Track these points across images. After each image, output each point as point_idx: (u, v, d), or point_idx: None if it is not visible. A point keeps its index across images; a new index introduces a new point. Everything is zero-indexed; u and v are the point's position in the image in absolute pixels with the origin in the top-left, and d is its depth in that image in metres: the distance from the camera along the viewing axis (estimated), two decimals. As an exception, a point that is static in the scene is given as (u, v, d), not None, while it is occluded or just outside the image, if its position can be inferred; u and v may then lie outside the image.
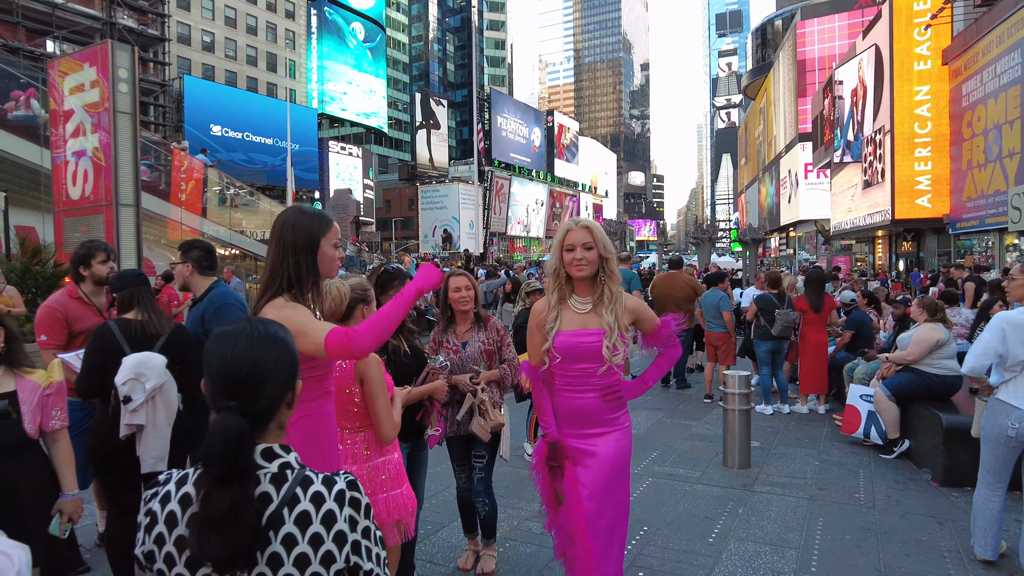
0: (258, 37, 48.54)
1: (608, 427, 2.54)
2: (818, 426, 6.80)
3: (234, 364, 1.18)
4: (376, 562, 1.24)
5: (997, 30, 18.77)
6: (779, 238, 55.33)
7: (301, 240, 2.03)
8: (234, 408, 1.15)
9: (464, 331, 3.50)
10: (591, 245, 2.52)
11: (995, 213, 18.64)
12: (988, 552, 3.61)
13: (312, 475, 1.23)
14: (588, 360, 2.51)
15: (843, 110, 30.50)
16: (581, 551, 2.45)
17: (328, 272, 2.12)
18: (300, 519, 1.17)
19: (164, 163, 20.97)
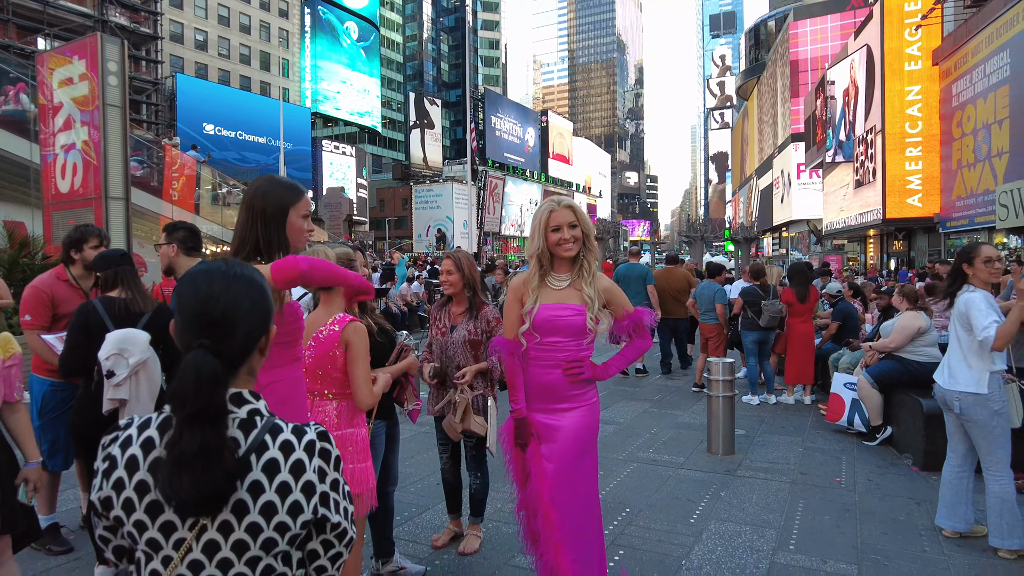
0: (252, 36, 48.45)
1: (574, 403, 2.57)
2: (803, 416, 6.86)
3: (209, 301, 1.14)
4: (344, 516, 1.22)
5: (986, 30, 18.93)
6: (772, 238, 55.53)
7: (271, 209, 2.04)
8: (207, 346, 1.11)
9: (457, 314, 3.51)
10: (576, 224, 2.56)
11: (984, 212, 18.79)
12: (944, 521, 3.76)
13: (282, 424, 1.19)
14: (561, 334, 2.54)
15: (835, 110, 30.69)
16: (544, 525, 2.49)
17: (296, 243, 2.12)
18: (268, 466, 1.13)
19: (156, 160, 20.93)
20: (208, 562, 1.12)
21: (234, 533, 1.11)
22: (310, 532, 1.21)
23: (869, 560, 3.50)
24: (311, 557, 1.23)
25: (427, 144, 57.36)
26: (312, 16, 51.21)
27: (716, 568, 3.42)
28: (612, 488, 4.66)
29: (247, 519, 1.11)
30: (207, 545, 1.11)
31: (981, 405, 3.50)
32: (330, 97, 52.40)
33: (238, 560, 1.12)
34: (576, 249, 2.56)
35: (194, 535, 1.11)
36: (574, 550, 2.51)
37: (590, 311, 2.52)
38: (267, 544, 1.13)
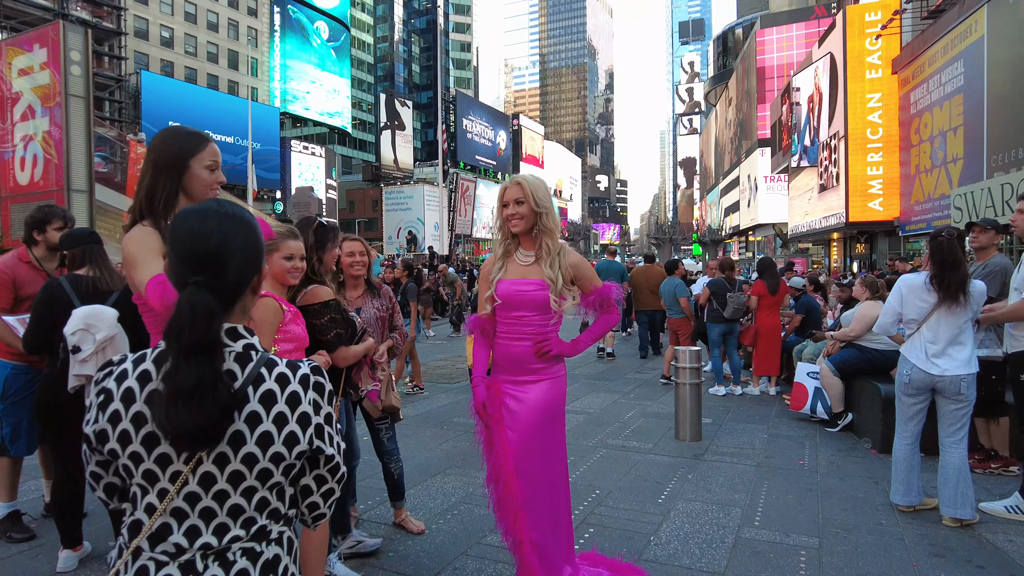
0: (219, 34, 47.71)
1: (539, 375, 2.62)
2: (769, 405, 7.02)
3: (203, 238, 1.15)
4: (337, 450, 1.23)
5: (941, 41, 19.58)
6: (739, 241, 56.47)
7: (166, 158, 1.87)
8: (201, 283, 1.12)
9: (356, 297, 3.51)
10: (522, 200, 2.59)
11: (941, 216, 19.39)
12: (899, 497, 3.92)
13: (276, 358, 1.21)
14: (524, 308, 2.59)
15: (800, 116, 31.41)
16: (505, 491, 2.55)
17: (202, 195, 1.93)
18: (265, 398, 1.14)
19: (120, 157, 20.47)
20: (204, 494, 1.13)
21: (230, 464, 1.12)
22: (304, 467, 1.23)
23: (830, 533, 3.61)
24: (304, 493, 1.25)
25: (398, 146, 57.07)
26: (282, 15, 50.66)
27: (684, 543, 3.50)
28: (582, 472, 4.72)
29: (244, 449, 1.12)
30: (203, 477, 1.12)
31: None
32: (299, 97, 51.85)
33: (234, 491, 1.13)
34: (523, 225, 2.59)
35: (190, 468, 1.12)
36: (534, 518, 2.55)
37: (552, 292, 2.56)
38: (263, 475, 1.14)
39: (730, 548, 3.43)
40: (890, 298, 3.97)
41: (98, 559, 3.32)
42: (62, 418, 3.12)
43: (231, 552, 1.13)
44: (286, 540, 1.21)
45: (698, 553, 3.37)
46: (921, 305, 3.76)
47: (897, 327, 4.01)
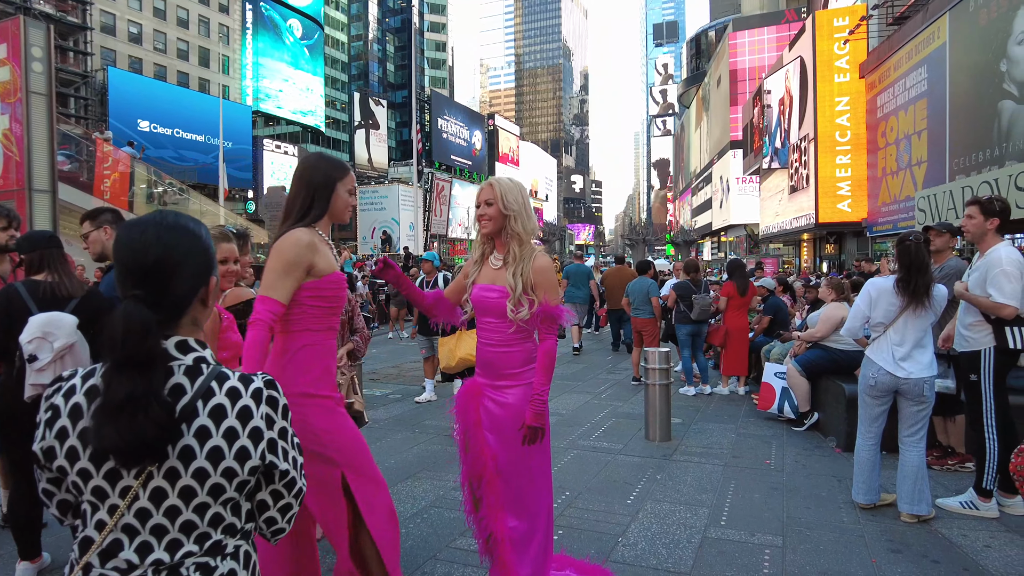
0: (189, 31, 46.96)
1: (514, 380, 2.60)
2: (737, 405, 7.12)
3: (141, 250, 1.14)
4: (293, 465, 1.22)
5: (906, 47, 20.04)
6: (711, 242, 57.15)
7: (319, 179, 2.30)
8: (139, 296, 1.11)
9: None
10: (492, 201, 2.58)
11: (906, 217, 19.84)
12: (860, 496, 4.00)
13: (228, 372, 1.19)
14: (489, 314, 2.60)
15: (771, 118, 31.89)
16: (488, 491, 2.56)
17: (342, 215, 2.36)
18: (214, 412, 1.13)
19: (86, 155, 20.03)
20: (155, 510, 1.11)
21: (181, 479, 1.11)
22: (259, 482, 1.21)
23: (793, 532, 3.68)
24: (260, 508, 1.23)
25: (372, 145, 56.75)
26: (254, 12, 50.03)
27: (651, 543, 3.54)
28: (553, 474, 4.73)
29: (194, 464, 1.11)
30: (154, 492, 1.11)
31: (934, 385, 3.81)
32: (272, 95, 51.28)
33: (186, 507, 1.12)
34: (491, 226, 2.58)
35: (140, 482, 1.10)
36: (514, 518, 2.57)
37: (510, 300, 2.51)
38: (215, 490, 1.13)
39: (696, 548, 3.48)
40: (858, 301, 4.02)
41: (57, 570, 3.26)
42: (19, 428, 3.05)
43: (184, 568, 1.12)
44: (243, 554, 1.20)
45: (665, 553, 3.41)
46: (889, 308, 3.82)
47: (864, 330, 4.07)
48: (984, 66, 15.60)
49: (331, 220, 2.38)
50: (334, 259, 2.32)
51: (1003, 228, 4.01)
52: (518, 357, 2.59)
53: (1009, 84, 14.63)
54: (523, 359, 2.61)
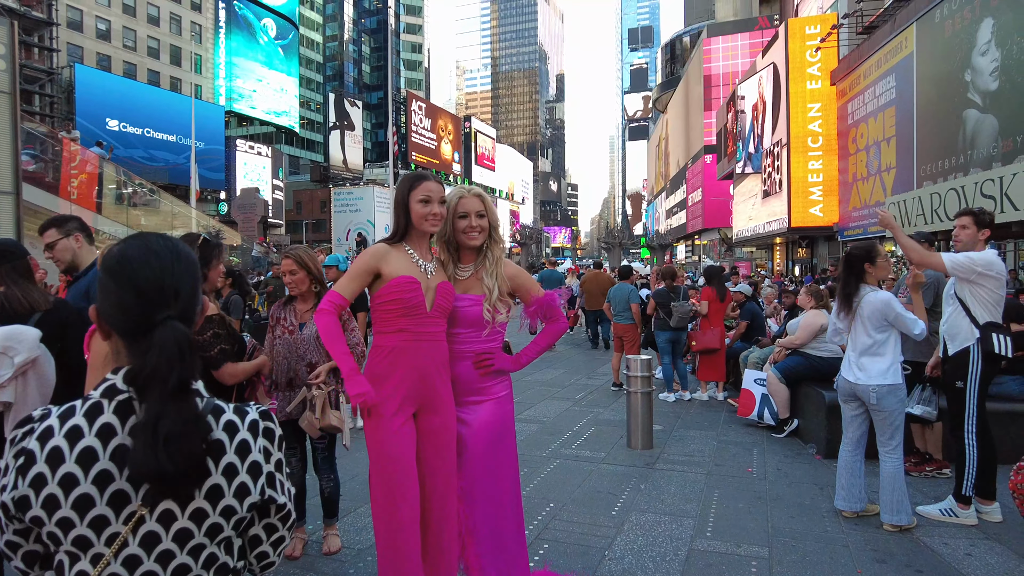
0: (160, 28, 46.09)
1: (482, 395, 2.56)
2: (717, 411, 7.15)
3: (166, 275, 1.10)
4: (289, 497, 1.18)
5: (875, 56, 20.46)
6: (686, 246, 57.74)
7: (398, 197, 2.50)
8: (175, 317, 1.08)
9: (304, 311, 3.41)
10: (483, 213, 2.56)
11: (876, 222, 20.23)
12: (840, 502, 4.03)
13: (223, 405, 1.14)
14: (461, 325, 2.54)
15: (745, 124, 32.30)
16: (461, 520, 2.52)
17: (419, 225, 2.44)
18: (212, 448, 1.08)
19: (52, 155, 19.49)
20: (147, 556, 1.04)
21: (177, 522, 1.05)
22: (253, 517, 1.16)
23: (779, 542, 3.68)
24: (253, 543, 1.18)
25: (347, 146, 56.24)
26: (227, 11, 49.31)
27: (638, 557, 3.50)
28: (536, 484, 4.70)
29: (192, 505, 1.05)
30: (145, 537, 1.04)
31: (893, 394, 3.78)
32: (245, 95, 50.58)
33: (180, 550, 1.05)
34: (481, 239, 2.56)
35: (130, 528, 1.03)
36: (480, 543, 2.51)
37: (487, 301, 2.51)
38: (212, 530, 1.07)
39: (684, 561, 3.45)
40: (834, 308, 4.14)
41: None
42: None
43: None
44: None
45: (652, 567, 3.38)
46: (844, 316, 3.98)
47: (841, 337, 4.16)
48: (949, 75, 15.98)
49: (420, 231, 2.47)
50: (411, 266, 2.43)
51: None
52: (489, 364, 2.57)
53: (973, 93, 15.00)
54: (493, 372, 2.59)
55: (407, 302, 2.36)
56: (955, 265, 3.90)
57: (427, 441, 2.44)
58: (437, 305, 2.43)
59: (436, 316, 2.44)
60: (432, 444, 2.44)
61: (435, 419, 2.45)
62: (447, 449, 2.47)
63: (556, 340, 2.70)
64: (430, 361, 2.41)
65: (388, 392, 2.37)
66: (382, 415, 2.37)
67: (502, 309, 2.55)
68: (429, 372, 2.41)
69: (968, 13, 15.18)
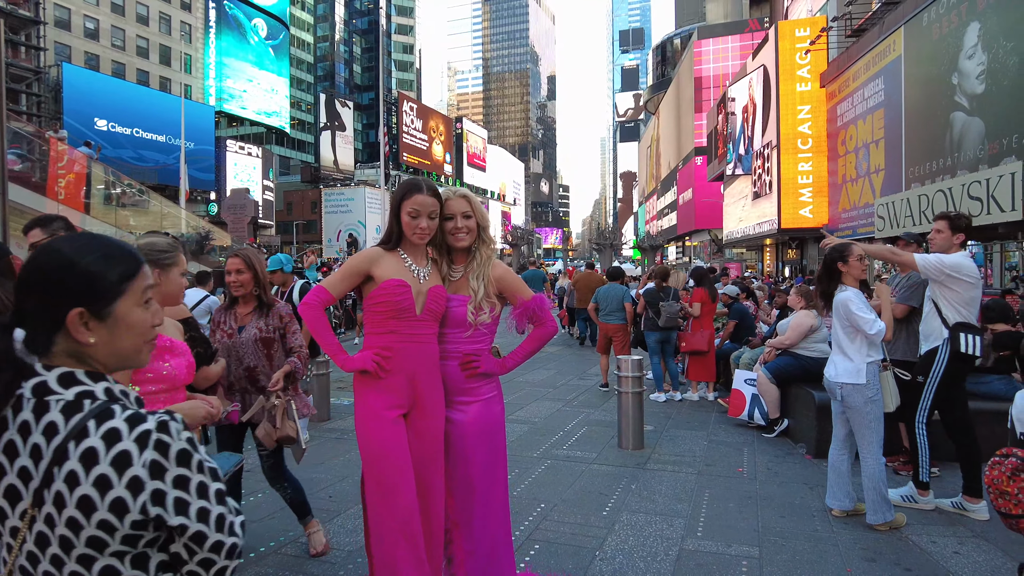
0: (150, 28, 45.81)
1: (469, 396, 2.56)
2: (707, 411, 7.17)
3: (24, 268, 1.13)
4: (200, 519, 1.07)
5: (864, 59, 20.60)
6: (676, 247, 57.92)
7: (392, 201, 2.51)
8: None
9: (245, 314, 3.34)
10: (470, 214, 2.55)
11: (865, 223, 20.38)
12: (829, 500, 4.06)
13: (117, 409, 1.05)
14: (448, 325, 2.54)
15: (735, 125, 32.44)
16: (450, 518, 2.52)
17: (408, 235, 2.45)
18: (85, 456, 1.01)
19: (39, 155, 19.31)
20: (42, 556, 1.04)
21: (57, 527, 1.02)
22: (171, 533, 1.08)
23: (769, 542, 3.69)
24: (177, 561, 1.11)
25: (338, 147, 56.08)
26: (217, 11, 49.07)
27: (628, 557, 3.50)
28: (527, 485, 4.70)
29: (66, 513, 1.02)
30: (38, 537, 1.04)
31: (859, 393, 3.81)
32: (236, 96, 50.35)
33: (67, 557, 1.03)
34: (469, 240, 2.56)
35: (26, 523, 1.04)
36: (468, 538, 2.51)
37: (471, 302, 2.51)
38: (95, 543, 1.02)
39: (674, 561, 3.46)
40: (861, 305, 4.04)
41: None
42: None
43: None
44: None
45: (643, 567, 3.38)
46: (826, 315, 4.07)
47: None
48: (937, 79, 16.12)
49: (411, 240, 2.48)
50: (403, 270, 2.45)
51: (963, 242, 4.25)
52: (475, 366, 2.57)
53: (960, 96, 15.12)
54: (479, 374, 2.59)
55: (396, 305, 2.39)
56: (925, 265, 4.09)
57: (416, 443, 2.44)
58: (428, 309, 2.44)
59: (426, 319, 2.45)
60: (421, 446, 2.44)
61: (425, 421, 2.45)
62: (436, 452, 2.47)
63: (544, 344, 2.69)
64: (419, 363, 2.43)
65: (378, 391, 2.38)
66: (373, 413, 2.38)
67: (486, 308, 2.54)
68: (418, 374, 2.43)
69: (955, 17, 15.31)
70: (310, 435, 5.97)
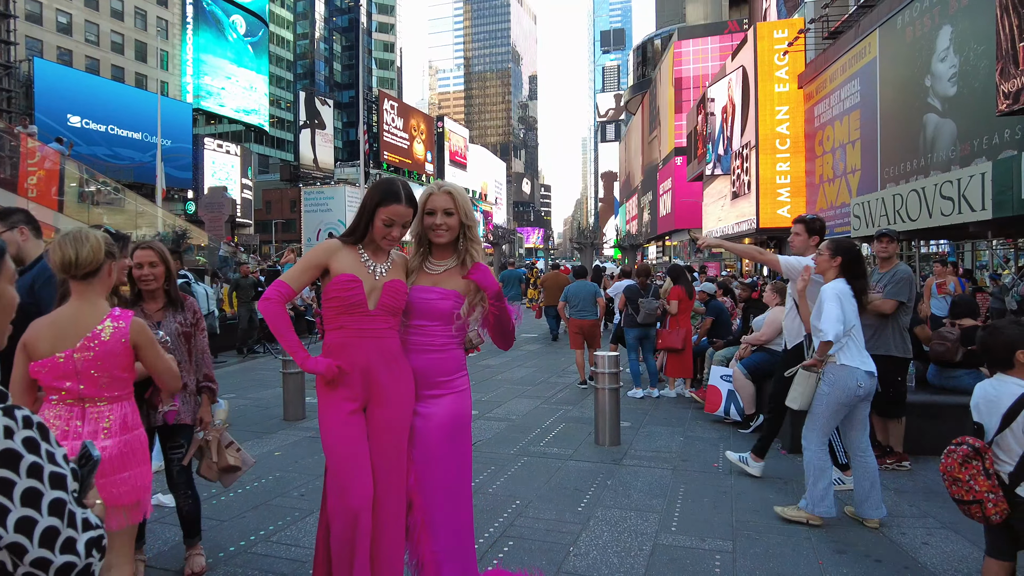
0: (125, 23, 45.08)
1: (442, 389, 2.53)
2: (684, 408, 7.20)
3: None
4: (15, 528, 0.96)
5: (840, 60, 20.87)
6: (656, 246, 58.26)
7: (367, 201, 2.46)
8: None
9: (155, 310, 3.18)
10: (452, 211, 2.51)
11: (842, 223, 20.62)
12: (835, 510, 3.84)
13: None
14: (425, 317, 2.51)
15: (714, 126, 32.69)
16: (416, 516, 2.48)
17: (377, 239, 2.45)
18: None
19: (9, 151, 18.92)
20: None
21: None
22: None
23: (743, 536, 3.70)
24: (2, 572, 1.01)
25: (318, 145, 55.59)
26: (195, 7, 48.41)
27: (603, 552, 3.50)
28: (503, 482, 4.67)
29: None
30: None
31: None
32: (214, 93, 49.69)
33: None
34: (448, 237, 2.52)
35: None
36: (438, 539, 2.47)
37: (466, 303, 2.51)
38: None
39: (648, 555, 3.46)
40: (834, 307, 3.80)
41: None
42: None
43: None
44: None
45: (616, 562, 3.37)
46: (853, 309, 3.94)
47: None
48: (911, 81, 16.37)
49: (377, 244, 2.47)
50: (357, 266, 2.42)
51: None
52: (452, 363, 2.56)
53: (932, 98, 15.38)
54: (456, 365, 2.58)
55: (346, 300, 2.37)
56: (787, 266, 4.38)
57: (375, 435, 2.42)
58: (382, 304, 2.42)
59: (381, 313, 2.43)
60: (381, 438, 2.42)
61: (384, 412, 2.43)
62: (397, 444, 2.44)
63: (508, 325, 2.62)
64: (373, 357, 2.40)
65: (335, 384, 2.39)
66: (332, 405, 2.38)
67: (478, 309, 2.55)
68: (372, 367, 2.40)
69: (928, 20, 15.56)
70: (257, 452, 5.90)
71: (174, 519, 3.50)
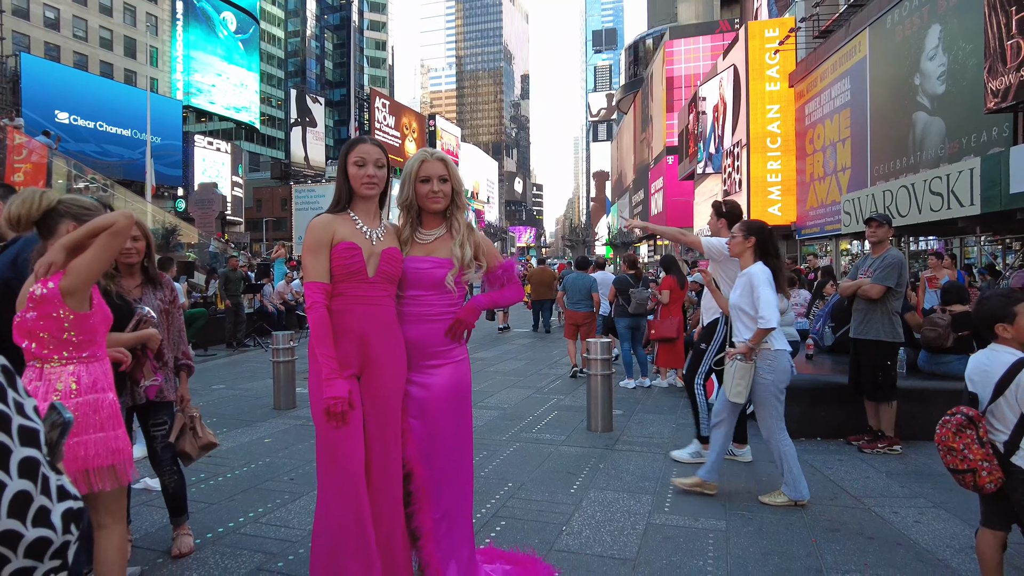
0: (114, 19, 44.75)
1: (441, 359, 2.52)
2: (676, 396, 7.20)
3: None
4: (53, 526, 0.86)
5: (831, 59, 20.98)
6: (648, 245, 58.40)
7: (339, 162, 2.49)
8: None
9: (133, 287, 3.13)
10: (447, 178, 2.52)
11: (832, 221, 20.75)
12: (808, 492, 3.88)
13: None
14: (420, 287, 2.50)
15: (706, 125, 32.81)
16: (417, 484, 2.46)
17: (357, 189, 2.43)
18: None
19: (-5, 145, 18.71)
20: None
21: None
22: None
23: (736, 515, 3.70)
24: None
25: (309, 143, 55.32)
26: (185, 3, 48.05)
27: (595, 531, 3.48)
28: (495, 466, 4.65)
29: None
30: None
31: None
32: (204, 90, 49.38)
33: None
34: (444, 204, 2.53)
35: None
36: (439, 510, 2.46)
37: (452, 272, 2.49)
38: None
39: (641, 534, 3.45)
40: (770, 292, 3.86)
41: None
42: None
43: None
44: None
45: (609, 540, 3.36)
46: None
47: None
48: (900, 79, 16.46)
49: (361, 198, 2.46)
50: (354, 232, 2.40)
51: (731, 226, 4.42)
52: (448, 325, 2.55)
53: (922, 97, 15.47)
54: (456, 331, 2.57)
55: (347, 267, 2.34)
56: (709, 247, 4.61)
57: (369, 403, 2.39)
58: (381, 271, 2.40)
59: (379, 281, 2.40)
60: (375, 407, 2.39)
61: (377, 381, 2.40)
62: (391, 412, 2.41)
63: (505, 301, 2.73)
64: (370, 325, 2.37)
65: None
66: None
67: (472, 268, 2.57)
68: (368, 336, 2.37)
69: (917, 19, 15.66)
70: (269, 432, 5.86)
71: (161, 503, 3.47)
